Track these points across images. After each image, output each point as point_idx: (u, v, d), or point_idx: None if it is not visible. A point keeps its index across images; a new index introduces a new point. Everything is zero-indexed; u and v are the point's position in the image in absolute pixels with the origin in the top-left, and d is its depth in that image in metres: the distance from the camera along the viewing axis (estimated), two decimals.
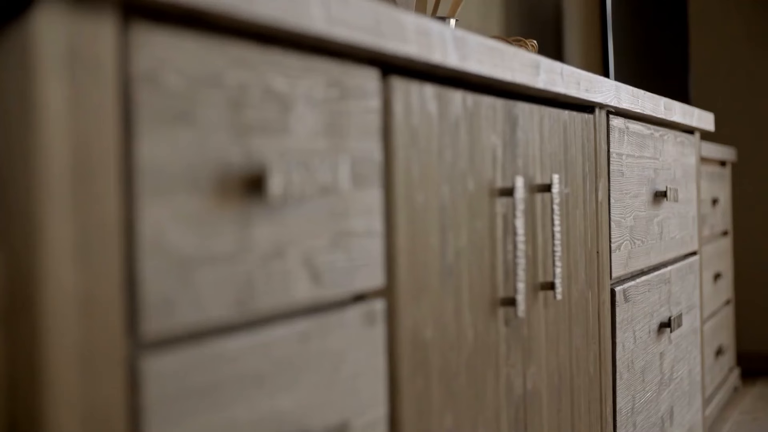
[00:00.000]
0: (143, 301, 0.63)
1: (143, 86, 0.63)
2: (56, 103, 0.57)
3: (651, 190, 1.89)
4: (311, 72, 0.81)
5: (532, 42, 1.88)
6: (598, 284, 1.56)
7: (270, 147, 0.75)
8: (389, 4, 1.72)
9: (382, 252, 0.91)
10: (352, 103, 0.87)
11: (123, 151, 0.62)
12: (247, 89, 0.73)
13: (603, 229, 1.59)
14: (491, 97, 1.16)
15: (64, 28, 0.57)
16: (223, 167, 0.70)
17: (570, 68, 1.37)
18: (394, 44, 0.89)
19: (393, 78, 0.93)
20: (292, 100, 0.78)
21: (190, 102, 0.67)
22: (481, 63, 1.07)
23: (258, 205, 0.73)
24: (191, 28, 0.68)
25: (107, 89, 0.60)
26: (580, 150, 1.48)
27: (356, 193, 0.87)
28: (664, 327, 1.93)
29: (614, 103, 1.59)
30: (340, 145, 0.85)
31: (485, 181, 1.13)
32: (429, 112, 1.00)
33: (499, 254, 1.17)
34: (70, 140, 0.58)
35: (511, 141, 1.21)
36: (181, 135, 0.66)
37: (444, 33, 0.99)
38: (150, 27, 0.64)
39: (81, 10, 0.58)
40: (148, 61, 0.63)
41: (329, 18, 0.79)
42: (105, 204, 0.60)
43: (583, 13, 3.78)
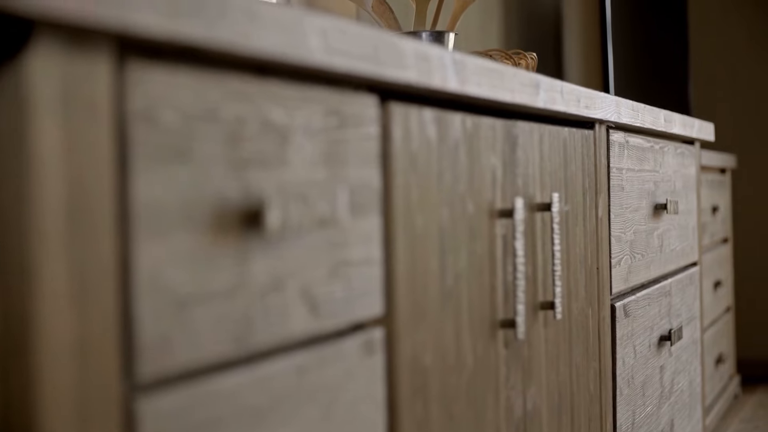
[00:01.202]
0: (139, 341, 0.62)
1: (139, 125, 0.62)
2: (51, 144, 0.56)
3: (651, 203, 1.88)
4: (309, 101, 0.80)
5: (531, 55, 1.87)
6: (599, 301, 1.55)
7: (268, 180, 0.74)
8: (391, 19, 1.72)
9: (381, 280, 0.91)
10: (351, 131, 0.86)
11: (119, 191, 0.62)
12: (245, 122, 0.72)
13: (603, 245, 1.58)
14: (491, 117, 1.15)
15: (59, 69, 0.56)
16: (220, 202, 0.69)
17: (570, 86, 1.37)
18: (394, 71, 0.88)
19: (392, 103, 0.93)
20: (290, 131, 0.77)
21: (187, 138, 0.66)
22: (481, 85, 1.07)
23: (256, 239, 0.73)
24: (188, 63, 0.68)
25: (102, 129, 0.60)
26: (580, 166, 1.48)
27: (355, 222, 0.86)
28: (665, 340, 1.93)
29: (614, 119, 1.59)
30: (338, 174, 0.84)
31: (485, 203, 1.13)
32: (428, 137, 0.99)
33: (498, 275, 1.16)
34: (64, 182, 0.57)
35: (511, 161, 1.21)
36: (177, 172, 0.65)
37: (443, 57, 0.98)
38: (146, 64, 0.63)
39: (76, 51, 0.57)
40: (144, 99, 0.63)
41: (327, 48, 0.78)
42: (100, 246, 0.59)
43: (582, 22, 3.77)
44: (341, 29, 0.80)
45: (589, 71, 3.78)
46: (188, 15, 0.63)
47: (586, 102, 1.44)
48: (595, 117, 1.49)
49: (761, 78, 4.06)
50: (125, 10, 0.58)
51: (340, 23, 0.80)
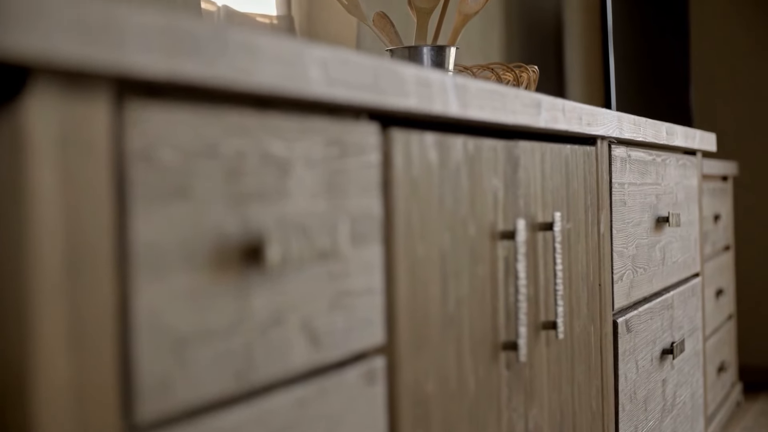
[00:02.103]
0: (139, 384, 0.61)
1: (138, 165, 0.62)
2: (48, 189, 0.56)
3: (653, 216, 1.88)
4: (310, 132, 0.80)
5: (533, 68, 1.87)
6: (601, 317, 1.55)
7: (268, 213, 0.74)
8: (392, 33, 1.71)
9: (382, 309, 0.90)
10: (352, 159, 0.86)
11: (117, 233, 0.61)
12: (244, 157, 0.72)
13: (605, 261, 1.57)
14: (492, 139, 1.15)
15: (56, 113, 0.56)
16: (219, 239, 0.69)
17: (572, 104, 1.36)
18: (395, 99, 0.88)
19: (393, 130, 0.92)
20: (290, 164, 0.77)
21: (186, 176, 0.66)
22: (483, 108, 1.06)
23: (256, 274, 0.72)
24: (187, 100, 0.67)
25: (101, 171, 0.59)
26: (582, 183, 1.47)
27: (356, 252, 0.86)
28: (667, 353, 1.92)
29: (616, 134, 1.58)
30: (339, 204, 0.83)
31: (486, 225, 1.12)
32: (429, 161, 0.99)
33: (500, 297, 1.16)
34: (62, 227, 0.57)
35: (513, 181, 1.20)
36: (176, 211, 0.65)
37: (445, 82, 0.98)
38: (144, 103, 0.62)
39: (73, 93, 0.57)
40: (143, 139, 0.62)
41: (328, 79, 0.78)
42: (99, 289, 0.59)
43: (583, 31, 3.77)
44: (342, 59, 0.80)
45: (591, 80, 3.78)
46: (187, 53, 0.62)
47: (588, 119, 1.44)
48: (597, 134, 1.48)
49: (762, 84, 4.06)
50: (123, 51, 0.57)
51: (340, 53, 0.80)
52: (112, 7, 0.56)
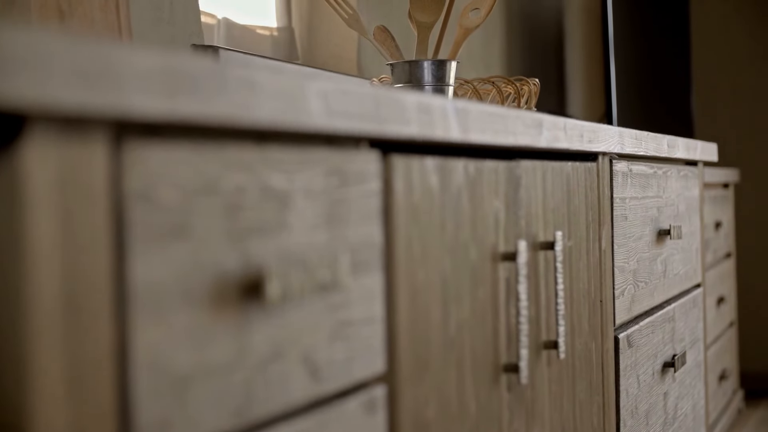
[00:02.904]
0: (137, 426, 0.61)
1: (137, 205, 0.61)
2: (46, 232, 0.55)
3: (654, 229, 1.87)
4: (310, 163, 0.79)
5: (534, 81, 1.86)
6: (602, 334, 1.54)
7: (267, 247, 0.73)
8: (393, 47, 1.71)
9: (383, 337, 0.90)
10: (353, 188, 0.85)
11: (116, 275, 0.60)
12: (244, 191, 0.71)
13: (606, 277, 1.57)
14: (493, 160, 1.14)
15: (54, 156, 0.55)
16: (219, 276, 0.68)
17: (573, 122, 1.36)
18: (396, 127, 0.87)
19: (394, 156, 0.92)
20: (290, 196, 0.76)
21: (186, 214, 0.65)
22: (484, 132, 1.06)
23: (256, 309, 0.72)
24: (186, 137, 0.67)
25: (99, 213, 0.59)
26: (583, 200, 1.46)
27: (356, 281, 0.85)
28: (668, 366, 1.92)
29: (617, 150, 1.58)
30: (339, 234, 0.83)
31: (488, 247, 1.12)
32: (430, 186, 0.98)
33: (501, 319, 1.15)
34: (60, 271, 0.56)
35: (514, 202, 1.20)
36: (176, 250, 0.64)
37: (445, 107, 0.97)
38: (143, 143, 0.62)
39: (71, 137, 0.56)
40: (142, 179, 0.62)
41: (328, 111, 0.77)
42: (97, 332, 0.58)
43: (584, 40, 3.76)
44: (342, 90, 0.79)
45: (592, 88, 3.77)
46: (187, 93, 0.62)
47: (590, 136, 1.43)
48: (599, 150, 1.48)
49: (763, 90, 4.05)
50: (121, 94, 0.56)
51: (341, 84, 0.79)
52: (110, 50, 0.56)
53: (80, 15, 1.33)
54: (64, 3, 1.31)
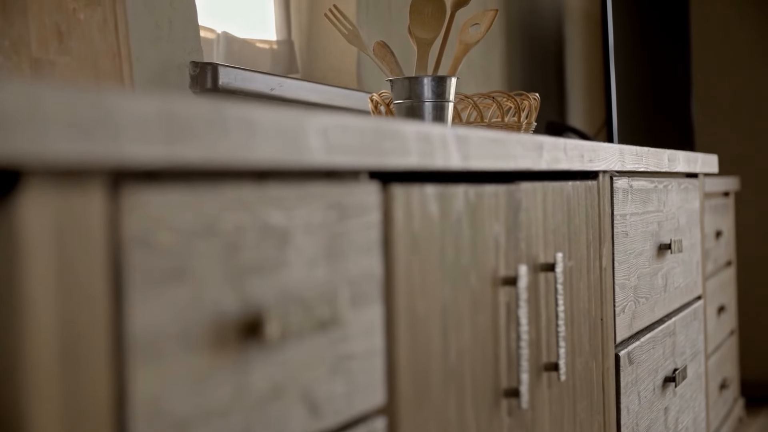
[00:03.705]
0: None
1: (135, 251, 0.61)
2: (43, 283, 0.55)
3: (655, 244, 1.87)
4: (309, 199, 0.79)
5: (534, 95, 1.86)
6: (603, 352, 1.54)
7: (266, 286, 0.73)
8: (393, 63, 1.70)
9: (382, 369, 0.89)
10: (352, 221, 0.85)
11: (114, 321, 0.60)
12: (243, 231, 0.71)
13: (607, 295, 1.57)
14: (493, 184, 1.14)
15: (51, 206, 0.55)
16: (218, 317, 0.68)
17: (573, 142, 1.35)
18: (396, 159, 0.87)
19: (394, 186, 0.91)
20: (289, 233, 0.76)
21: (184, 257, 0.65)
22: (484, 158, 1.05)
23: (255, 348, 0.71)
24: (185, 180, 0.66)
25: (97, 260, 0.58)
26: (584, 219, 1.46)
27: (356, 314, 0.85)
28: (669, 381, 1.91)
29: (618, 168, 1.57)
30: (339, 268, 0.82)
31: (488, 272, 1.11)
32: (430, 214, 0.98)
33: (502, 344, 1.15)
34: (57, 320, 0.56)
35: (514, 225, 1.19)
36: (174, 294, 0.64)
37: (445, 136, 0.97)
38: (141, 188, 0.61)
39: (68, 187, 0.56)
40: (140, 224, 0.61)
41: (328, 146, 0.77)
42: (95, 379, 0.58)
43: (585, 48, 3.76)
44: (342, 125, 0.79)
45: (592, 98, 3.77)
46: (185, 138, 0.61)
47: (590, 155, 1.43)
48: (599, 169, 1.47)
49: (764, 97, 4.05)
50: (119, 143, 0.56)
51: (340, 119, 0.79)
52: (107, 99, 0.55)
53: (79, 36, 1.33)
54: (63, 24, 1.31)
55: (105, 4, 1.38)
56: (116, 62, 1.39)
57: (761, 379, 3.92)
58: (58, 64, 1.30)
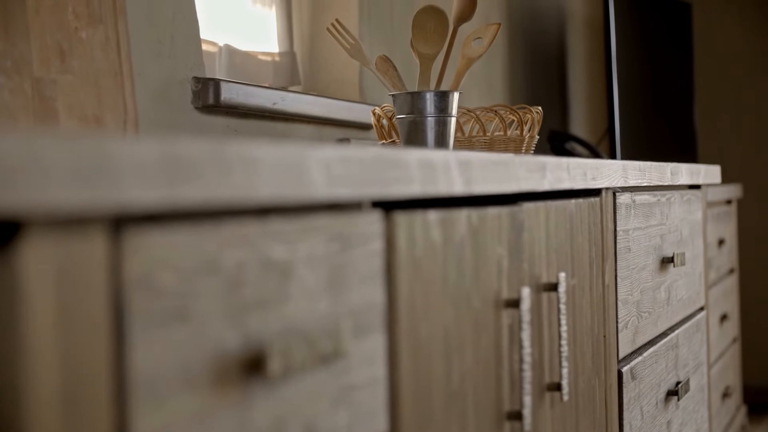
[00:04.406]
0: None
1: (136, 293, 0.60)
2: (44, 328, 0.55)
3: (658, 258, 1.86)
4: (311, 231, 0.78)
5: (537, 109, 1.85)
6: (605, 369, 1.54)
7: (268, 322, 0.73)
8: (395, 77, 1.70)
9: (385, 397, 0.89)
10: (355, 251, 0.84)
11: (115, 363, 0.60)
12: (245, 267, 0.70)
13: (610, 312, 1.56)
14: (496, 207, 1.13)
15: (52, 253, 0.55)
16: (220, 355, 0.67)
17: (576, 161, 1.35)
18: (398, 188, 0.87)
19: (396, 214, 0.91)
20: (292, 266, 0.76)
21: (186, 296, 0.64)
22: (487, 182, 1.05)
23: (257, 384, 0.71)
24: (186, 220, 0.66)
25: (98, 304, 0.58)
26: (587, 236, 1.46)
27: (358, 345, 0.84)
28: (672, 395, 1.91)
29: (621, 184, 1.57)
30: (341, 299, 0.82)
31: (491, 294, 1.11)
32: (433, 240, 0.98)
33: (504, 366, 1.14)
34: (59, 365, 0.55)
35: (517, 246, 1.19)
36: (176, 334, 0.64)
37: (448, 161, 0.97)
38: (142, 230, 0.61)
39: (70, 233, 0.56)
40: (141, 265, 0.61)
41: (330, 179, 0.77)
42: (97, 425, 0.58)
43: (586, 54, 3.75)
44: (343, 157, 0.79)
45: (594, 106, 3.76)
46: (187, 180, 0.61)
47: (593, 173, 1.42)
48: (602, 186, 1.47)
49: (766, 102, 4.04)
50: (120, 189, 0.56)
51: (342, 151, 0.79)
52: (107, 145, 0.55)
53: (80, 55, 1.33)
54: (65, 43, 1.31)
55: (107, 22, 1.38)
56: (118, 80, 1.38)
57: (764, 386, 3.91)
58: (60, 83, 1.29)
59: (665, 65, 3.64)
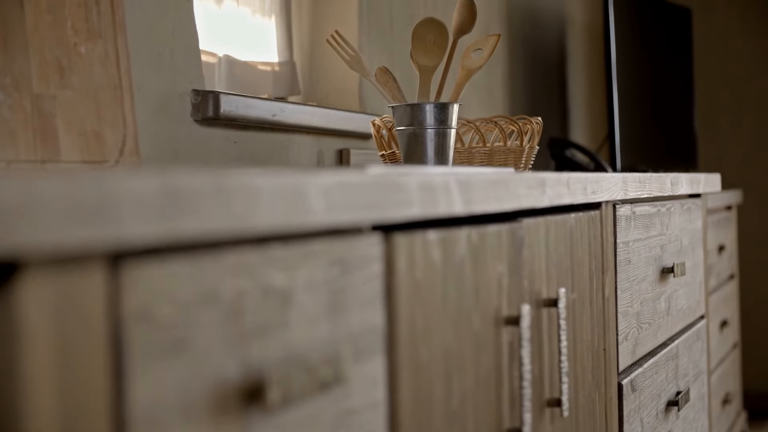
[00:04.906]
0: None
1: (135, 326, 0.60)
2: (42, 364, 0.54)
3: (658, 268, 1.86)
4: (311, 257, 0.78)
5: (536, 119, 1.85)
6: (605, 382, 1.53)
7: (268, 350, 0.72)
8: (395, 89, 1.70)
9: (385, 420, 0.89)
10: (355, 275, 0.84)
11: (114, 398, 0.60)
12: (244, 296, 0.70)
13: (610, 325, 1.56)
14: (496, 224, 1.13)
15: (50, 290, 0.55)
16: (220, 385, 0.67)
17: (576, 176, 1.35)
18: (398, 211, 0.87)
19: (396, 236, 0.91)
20: (291, 292, 0.76)
21: (185, 328, 0.64)
22: (487, 201, 1.05)
23: (257, 413, 0.71)
24: (185, 251, 0.66)
25: (97, 338, 0.58)
26: (587, 250, 1.46)
27: (358, 369, 0.84)
28: (672, 405, 1.91)
29: (621, 197, 1.57)
30: (341, 324, 0.82)
31: (491, 312, 1.11)
32: (433, 260, 0.98)
33: (504, 383, 1.14)
34: (57, 400, 0.55)
35: (517, 263, 1.19)
36: (175, 366, 0.63)
37: (448, 182, 0.96)
38: (141, 263, 0.61)
39: (68, 270, 0.55)
40: (140, 299, 0.61)
41: (330, 206, 0.76)
42: None
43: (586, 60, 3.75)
44: (343, 183, 0.78)
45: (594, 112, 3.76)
46: (186, 213, 0.61)
47: (593, 187, 1.42)
48: (602, 200, 1.47)
49: (766, 107, 4.04)
50: (119, 225, 0.56)
51: (342, 176, 0.78)
52: (105, 182, 0.55)
53: (80, 70, 1.33)
54: (64, 59, 1.31)
55: (106, 36, 1.37)
56: (117, 95, 1.38)
57: (764, 390, 3.91)
58: (59, 99, 1.29)
59: (665, 71, 3.64)
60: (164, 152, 1.59)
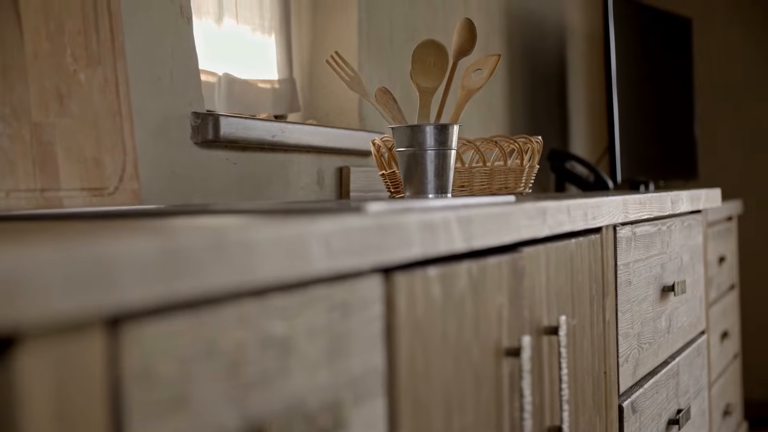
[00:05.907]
0: None
1: (135, 385, 0.60)
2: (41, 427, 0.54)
3: (659, 287, 1.86)
4: (311, 303, 0.78)
5: (537, 138, 1.85)
6: (606, 405, 1.53)
7: (268, 400, 0.72)
8: (395, 110, 1.69)
9: None
10: (355, 317, 0.84)
11: None
12: (244, 347, 0.70)
13: (610, 348, 1.56)
14: (496, 256, 1.13)
15: (50, 357, 0.54)
16: None
17: (576, 202, 1.34)
18: (399, 253, 0.86)
19: (396, 275, 0.90)
20: (292, 340, 0.75)
21: (185, 384, 0.64)
22: (487, 235, 1.04)
23: None
24: (184, 307, 0.66)
25: (97, 399, 0.58)
26: (587, 275, 1.45)
27: (358, 412, 0.84)
28: (673, 424, 1.90)
29: (622, 220, 1.57)
30: (341, 368, 0.82)
31: (491, 344, 1.10)
32: (433, 297, 0.97)
33: (505, 415, 1.14)
34: None
35: (517, 294, 1.18)
36: (175, 423, 0.63)
37: (448, 220, 0.96)
38: (141, 323, 0.61)
39: (67, 335, 0.55)
40: (140, 358, 0.60)
41: (330, 253, 0.76)
42: None
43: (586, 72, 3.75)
44: (343, 229, 0.78)
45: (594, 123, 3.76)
46: (185, 274, 0.60)
47: (593, 212, 1.42)
48: (603, 224, 1.47)
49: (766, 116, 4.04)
50: (117, 290, 0.55)
51: (341, 222, 0.78)
52: (104, 247, 0.55)
53: (79, 97, 1.32)
54: (63, 87, 1.30)
55: (105, 63, 1.37)
56: (117, 121, 1.38)
57: (766, 400, 3.90)
58: (59, 127, 1.29)
59: (666, 81, 3.64)
60: (164, 175, 1.59)
